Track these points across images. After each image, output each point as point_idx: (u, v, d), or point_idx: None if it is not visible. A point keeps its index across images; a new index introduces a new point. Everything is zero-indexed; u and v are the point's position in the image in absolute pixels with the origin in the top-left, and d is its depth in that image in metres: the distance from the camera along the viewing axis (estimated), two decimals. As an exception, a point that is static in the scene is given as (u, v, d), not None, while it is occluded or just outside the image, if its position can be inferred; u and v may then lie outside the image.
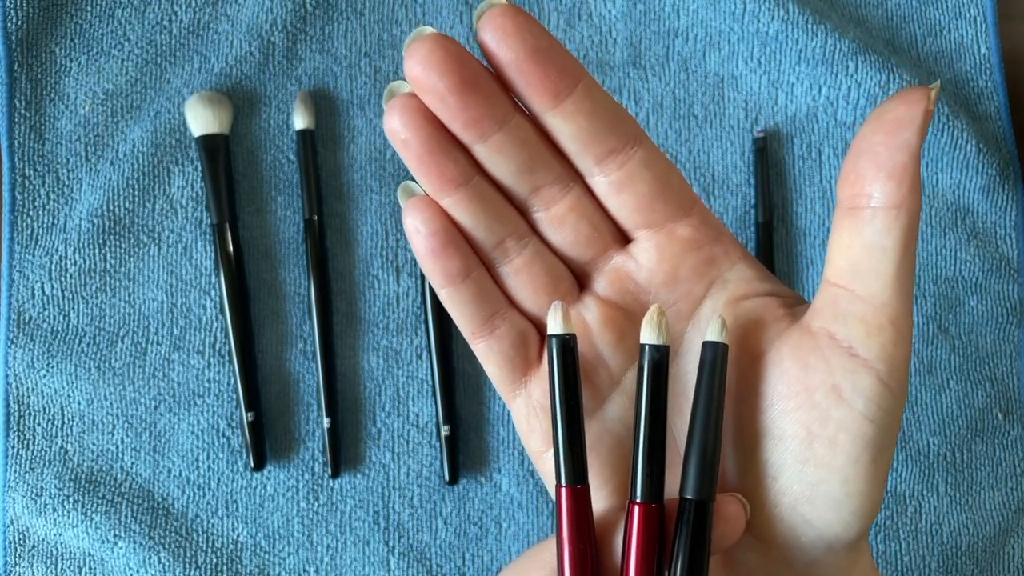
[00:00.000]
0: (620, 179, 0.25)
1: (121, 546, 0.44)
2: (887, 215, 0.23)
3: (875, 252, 0.23)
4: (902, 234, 0.23)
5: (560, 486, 0.24)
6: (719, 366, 0.24)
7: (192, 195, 0.46)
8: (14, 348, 0.44)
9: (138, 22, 0.47)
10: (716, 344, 0.24)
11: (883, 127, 0.23)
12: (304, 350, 0.46)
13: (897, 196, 0.23)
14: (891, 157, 0.22)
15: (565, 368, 0.24)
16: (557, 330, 0.24)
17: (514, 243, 0.25)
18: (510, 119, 0.24)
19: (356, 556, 0.45)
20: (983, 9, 0.49)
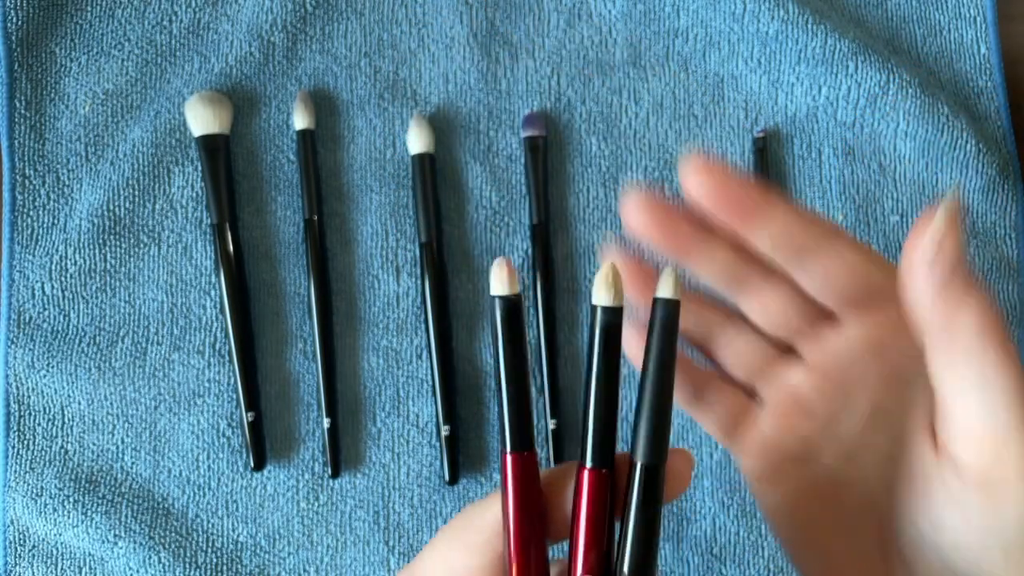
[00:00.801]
0: (818, 271, 0.28)
1: (121, 546, 0.44)
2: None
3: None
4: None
5: (506, 452, 0.23)
6: (671, 325, 0.23)
7: (192, 195, 0.46)
8: (14, 348, 0.44)
9: (138, 22, 0.47)
10: (668, 301, 0.23)
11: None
12: (304, 350, 0.46)
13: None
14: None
15: (511, 330, 0.23)
16: (502, 291, 0.23)
17: (726, 327, 0.31)
18: (711, 239, 0.29)
19: (356, 556, 0.45)
20: (983, 9, 0.49)
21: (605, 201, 0.47)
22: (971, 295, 0.23)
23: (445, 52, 0.47)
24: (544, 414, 0.45)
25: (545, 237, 0.46)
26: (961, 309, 0.23)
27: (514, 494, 0.23)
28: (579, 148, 0.47)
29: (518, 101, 0.47)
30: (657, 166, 0.47)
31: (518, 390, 0.23)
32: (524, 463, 0.23)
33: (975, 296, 0.23)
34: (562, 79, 0.48)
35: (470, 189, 0.47)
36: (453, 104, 0.47)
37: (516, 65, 0.48)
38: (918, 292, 0.24)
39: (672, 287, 0.23)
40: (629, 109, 0.48)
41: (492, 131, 0.47)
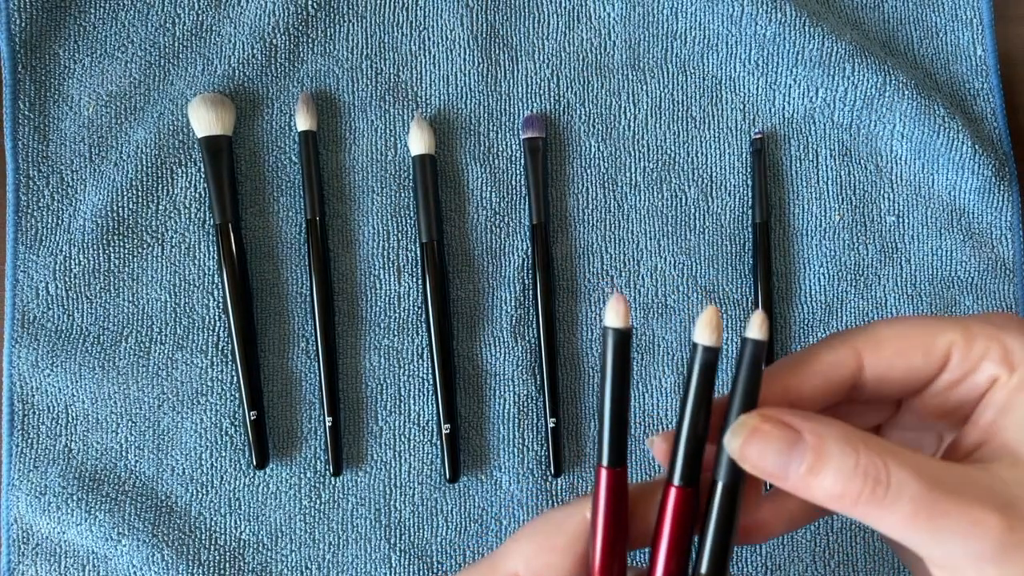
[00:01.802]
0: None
1: (124, 544, 0.44)
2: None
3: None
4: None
5: (602, 466, 0.26)
6: (757, 363, 0.25)
7: (195, 196, 0.46)
8: (18, 348, 0.45)
9: (141, 24, 0.47)
10: (757, 342, 0.24)
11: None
12: (306, 349, 0.46)
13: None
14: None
15: (620, 360, 0.25)
16: (616, 324, 0.25)
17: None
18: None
19: (358, 553, 0.45)
20: (979, 11, 0.49)
21: (604, 202, 0.47)
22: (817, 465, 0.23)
23: (446, 54, 0.48)
24: (544, 413, 0.46)
25: (545, 237, 0.46)
26: (813, 486, 0.23)
27: (605, 505, 0.26)
28: (578, 149, 0.48)
29: (518, 103, 0.48)
30: (656, 167, 0.48)
31: (620, 412, 0.25)
32: (617, 478, 0.26)
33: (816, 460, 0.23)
34: (561, 81, 0.48)
35: (470, 190, 0.47)
36: (454, 106, 0.48)
37: (516, 67, 0.48)
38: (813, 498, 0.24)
39: (759, 328, 0.24)
40: (628, 111, 0.48)
41: (492, 132, 0.48)
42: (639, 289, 0.47)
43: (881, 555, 0.46)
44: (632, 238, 0.47)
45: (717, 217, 0.48)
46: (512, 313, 0.46)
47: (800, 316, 0.47)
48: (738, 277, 0.47)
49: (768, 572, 0.45)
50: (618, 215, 0.47)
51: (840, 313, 0.47)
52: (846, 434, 0.23)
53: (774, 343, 0.46)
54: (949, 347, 0.26)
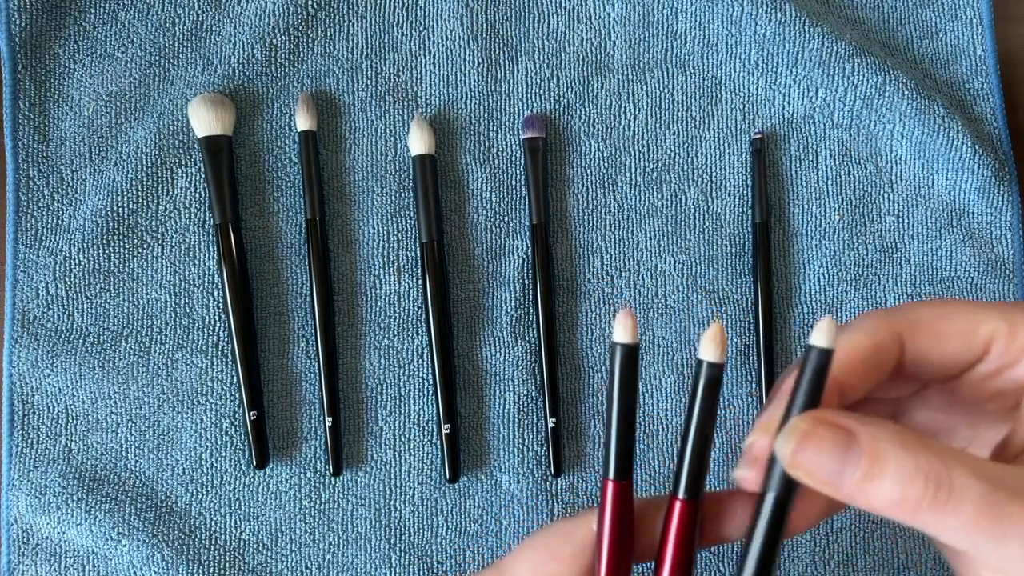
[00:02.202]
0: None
1: (124, 544, 0.44)
2: None
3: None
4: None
5: (608, 479, 0.26)
6: (821, 371, 0.24)
7: (195, 196, 0.46)
8: (18, 348, 0.45)
9: (141, 24, 0.47)
10: (822, 350, 0.24)
11: None
12: (306, 349, 0.46)
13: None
14: None
15: (627, 374, 0.25)
16: (624, 340, 0.25)
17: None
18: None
19: (358, 553, 0.45)
20: (979, 11, 0.49)
21: (604, 202, 0.47)
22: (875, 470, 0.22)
23: (446, 54, 0.48)
24: (544, 413, 0.46)
25: (545, 237, 0.46)
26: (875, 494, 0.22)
27: (611, 517, 0.26)
28: (578, 149, 0.48)
29: (518, 103, 0.48)
30: (655, 167, 0.48)
31: (627, 426, 0.26)
32: (623, 490, 0.26)
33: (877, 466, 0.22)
34: (561, 81, 0.48)
35: (470, 190, 0.47)
36: (454, 106, 0.48)
37: (516, 67, 0.48)
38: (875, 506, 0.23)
39: (827, 335, 0.24)
40: (628, 111, 0.48)
41: (492, 132, 0.48)
42: (639, 289, 0.47)
43: (881, 555, 0.46)
44: (632, 238, 0.47)
45: (717, 217, 0.48)
46: (512, 313, 0.46)
47: (800, 316, 0.47)
48: (738, 277, 0.47)
49: (768, 572, 0.45)
50: (618, 215, 0.47)
51: (840, 313, 0.47)
52: (902, 436, 0.22)
53: (773, 343, 0.46)
54: (991, 336, 0.25)
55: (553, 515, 0.45)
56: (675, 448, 0.46)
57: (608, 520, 0.26)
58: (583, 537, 0.27)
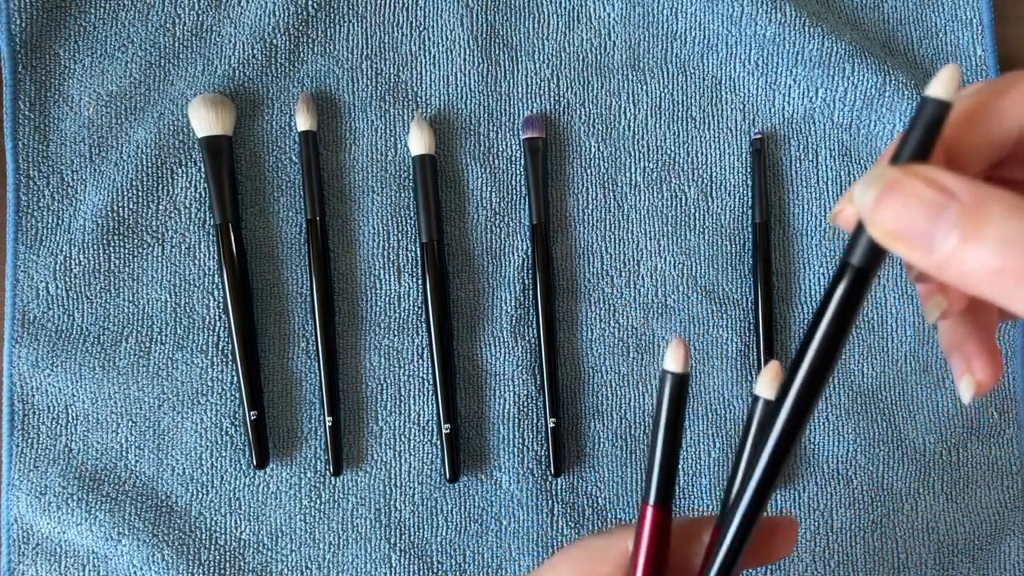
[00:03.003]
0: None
1: (125, 544, 0.44)
2: None
3: None
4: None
5: (648, 503, 0.26)
6: (937, 123, 0.20)
7: (195, 196, 0.46)
8: (19, 347, 0.45)
9: (142, 25, 0.47)
10: (941, 102, 0.20)
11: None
12: (306, 349, 0.46)
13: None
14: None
15: (676, 403, 0.25)
16: (675, 369, 0.25)
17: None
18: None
19: (358, 553, 0.45)
20: (979, 12, 0.49)
21: (604, 202, 0.47)
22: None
23: (446, 55, 0.48)
24: (544, 413, 0.46)
25: (545, 237, 0.46)
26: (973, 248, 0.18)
27: (649, 541, 0.26)
28: (578, 150, 0.48)
29: (518, 103, 0.48)
30: (655, 167, 0.48)
31: (671, 453, 0.26)
32: (662, 515, 0.26)
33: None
34: (561, 81, 0.48)
35: (470, 190, 0.47)
36: (454, 106, 0.48)
37: (516, 68, 0.48)
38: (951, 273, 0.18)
39: (948, 85, 0.20)
40: (628, 111, 0.48)
41: (492, 133, 0.48)
42: (639, 289, 0.47)
43: (881, 555, 0.46)
44: (632, 238, 0.47)
45: (717, 217, 0.48)
46: (512, 313, 0.46)
47: (800, 316, 0.47)
48: (738, 277, 0.47)
49: (768, 572, 0.45)
50: (618, 215, 0.47)
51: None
52: (1015, 199, 0.18)
53: (773, 343, 0.46)
54: None
55: (553, 515, 0.45)
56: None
57: (646, 544, 0.26)
58: (617, 557, 0.27)
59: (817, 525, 0.46)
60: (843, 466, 0.46)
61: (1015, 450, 0.47)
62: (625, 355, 0.46)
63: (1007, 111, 0.21)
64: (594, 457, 0.46)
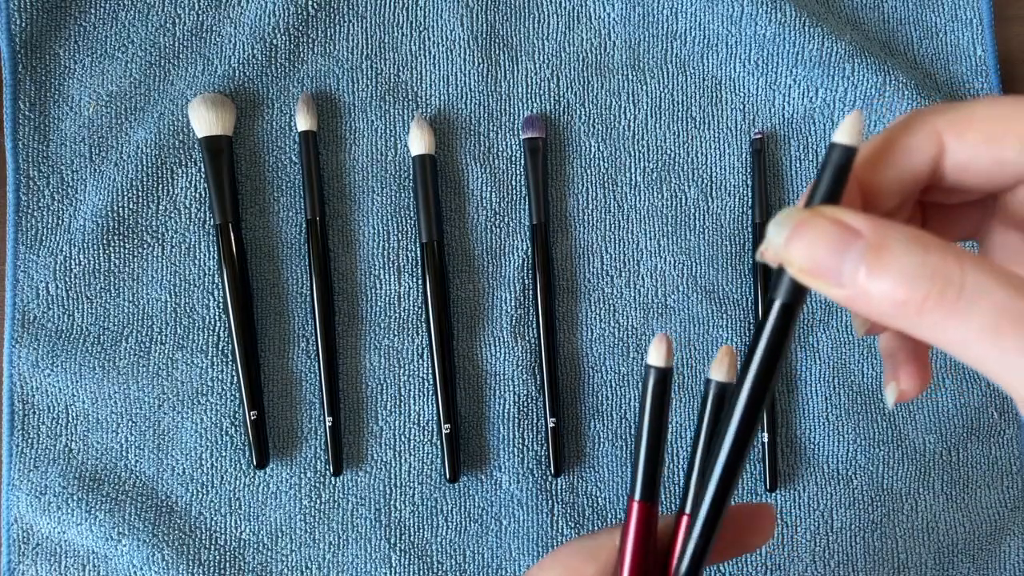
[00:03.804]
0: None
1: (125, 544, 0.44)
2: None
3: None
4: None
5: (634, 500, 0.26)
6: (844, 169, 0.21)
7: (196, 196, 0.46)
8: (19, 347, 0.45)
9: (141, 25, 0.47)
10: (847, 147, 0.21)
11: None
12: (306, 349, 0.46)
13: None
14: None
15: (659, 397, 0.25)
16: (658, 363, 0.25)
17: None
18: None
19: (358, 553, 0.45)
20: (979, 11, 0.49)
21: (604, 202, 0.47)
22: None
23: (446, 55, 0.48)
24: (544, 413, 0.46)
25: (545, 237, 0.46)
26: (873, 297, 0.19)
27: (635, 537, 0.26)
28: (578, 150, 0.48)
29: (518, 103, 0.48)
30: (655, 167, 0.48)
31: (656, 448, 0.26)
32: (649, 512, 0.26)
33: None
34: (561, 81, 0.48)
35: (470, 190, 0.47)
36: (454, 106, 0.48)
37: (516, 67, 0.48)
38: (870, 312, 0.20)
39: (852, 131, 0.21)
40: (628, 111, 0.48)
41: (492, 133, 0.48)
42: (639, 289, 0.47)
43: (881, 555, 0.46)
44: (632, 238, 0.47)
45: (717, 217, 0.48)
46: (512, 313, 0.46)
47: (800, 316, 0.47)
48: (738, 277, 0.47)
49: (768, 572, 0.45)
50: (618, 215, 0.47)
51: (840, 312, 0.47)
52: (915, 233, 0.19)
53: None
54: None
55: (553, 515, 0.45)
56: (674, 452, 0.46)
57: (632, 540, 0.26)
58: (610, 555, 0.27)
59: (817, 525, 0.46)
60: (843, 466, 0.46)
61: (1015, 450, 0.47)
62: (625, 355, 0.46)
63: (915, 147, 0.22)
64: (594, 457, 0.46)
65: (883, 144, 0.22)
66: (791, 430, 0.47)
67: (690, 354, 0.47)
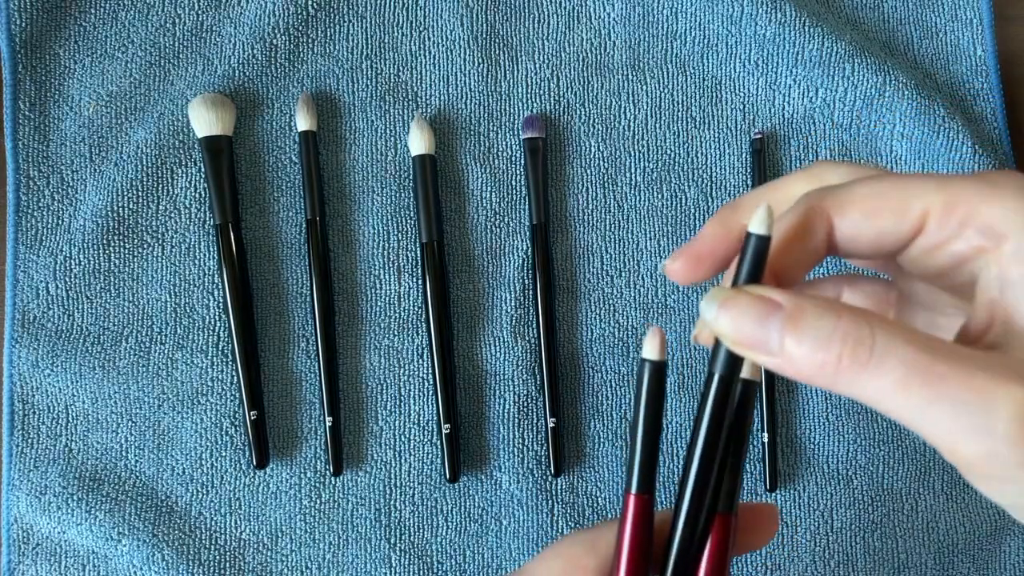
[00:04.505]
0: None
1: (125, 544, 0.44)
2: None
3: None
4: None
5: (630, 493, 0.26)
6: (760, 257, 0.24)
7: (195, 196, 0.46)
8: (19, 348, 0.45)
9: (141, 25, 0.47)
10: (761, 237, 0.24)
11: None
12: (306, 349, 0.46)
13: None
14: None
15: (655, 391, 0.26)
16: (652, 356, 0.25)
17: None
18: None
19: (358, 553, 0.45)
20: (979, 11, 0.49)
21: (604, 202, 0.47)
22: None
23: (446, 55, 0.48)
24: (544, 413, 0.46)
25: (545, 237, 0.46)
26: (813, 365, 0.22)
27: (632, 531, 0.26)
28: (578, 150, 0.48)
29: (518, 103, 0.48)
30: (656, 167, 0.48)
31: (651, 441, 0.26)
32: (644, 504, 0.26)
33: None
34: (561, 81, 0.48)
35: (470, 190, 0.47)
36: (454, 106, 0.48)
37: (516, 67, 0.48)
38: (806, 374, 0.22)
39: (764, 222, 0.23)
40: (628, 111, 0.48)
41: (492, 133, 0.48)
42: (639, 289, 0.47)
43: (881, 555, 0.46)
44: (632, 238, 0.47)
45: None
46: (512, 313, 0.46)
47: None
48: (738, 277, 0.47)
49: (768, 572, 0.45)
50: (618, 215, 0.47)
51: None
52: (828, 302, 0.22)
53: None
54: (925, 211, 0.24)
55: (553, 515, 0.45)
56: (674, 451, 0.46)
57: (628, 534, 0.26)
58: (604, 548, 0.27)
59: (817, 525, 0.46)
60: (843, 466, 0.46)
61: (1015, 450, 0.47)
62: (625, 355, 0.46)
63: (810, 230, 0.25)
64: (594, 457, 0.46)
65: (785, 230, 0.25)
66: (791, 430, 0.47)
67: (690, 354, 0.47)
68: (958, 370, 0.20)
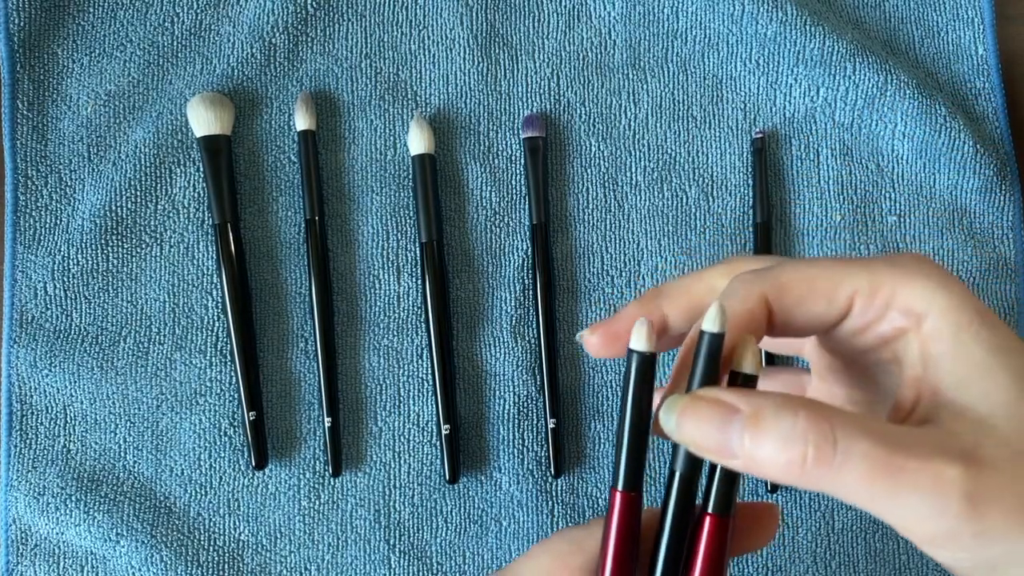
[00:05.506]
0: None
1: (123, 545, 0.44)
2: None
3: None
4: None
5: (616, 489, 0.26)
6: (714, 356, 0.24)
7: (194, 195, 0.46)
8: (17, 348, 0.45)
9: (140, 24, 0.47)
10: (714, 335, 0.24)
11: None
12: (305, 350, 0.46)
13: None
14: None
15: (642, 383, 0.25)
16: (640, 348, 0.25)
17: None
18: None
19: (357, 554, 0.45)
20: (980, 11, 0.49)
21: (604, 202, 0.47)
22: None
23: (445, 54, 0.48)
24: (544, 413, 0.46)
25: (545, 237, 0.46)
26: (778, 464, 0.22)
27: (618, 528, 0.26)
28: (578, 149, 0.48)
29: (518, 102, 0.48)
30: (656, 167, 0.48)
31: (639, 436, 0.25)
32: (631, 502, 0.26)
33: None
34: (561, 81, 0.48)
35: (470, 189, 0.47)
36: (453, 105, 0.48)
37: (516, 67, 0.48)
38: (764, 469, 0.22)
39: (718, 320, 0.24)
40: (628, 110, 0.48)
41: (492, 132, 0.47)
42: (639, 289, 0.47)
43: (882, 556, 0.46)
44: (632, 238, 0.47)
45: (718, 217, 0.47)
46: (512, 313, 0.46)
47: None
48: (739, 277, 0.47)
49: (769, 573, 0.45)
50: (618, 215, 0.47)
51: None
52: (785, 400, 0.22)
53: (775, 343, 0.46)
54: (852, 295, 0.25)
55: (553, 516, 0.45)
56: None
57: (615, 531, 0.26)
58: (592, 546, 0.27)
59: (818, 526, 0.46)
60: (844, 467, 0.46)
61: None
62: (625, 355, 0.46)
63: (751, 317, 0.26)
64: (594, 458, 0.46)
65: (738, 322, 0.26)
66: (792, 431, 0.46)
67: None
68: (913, 459, 0.21)
